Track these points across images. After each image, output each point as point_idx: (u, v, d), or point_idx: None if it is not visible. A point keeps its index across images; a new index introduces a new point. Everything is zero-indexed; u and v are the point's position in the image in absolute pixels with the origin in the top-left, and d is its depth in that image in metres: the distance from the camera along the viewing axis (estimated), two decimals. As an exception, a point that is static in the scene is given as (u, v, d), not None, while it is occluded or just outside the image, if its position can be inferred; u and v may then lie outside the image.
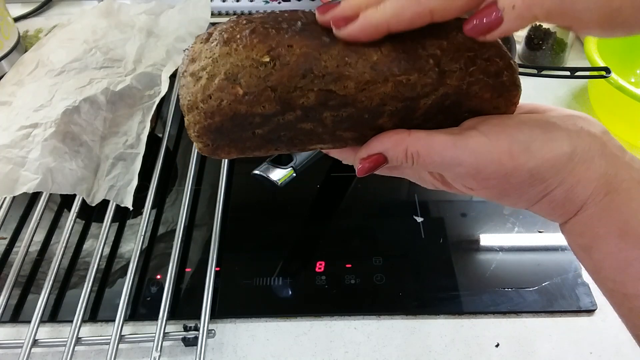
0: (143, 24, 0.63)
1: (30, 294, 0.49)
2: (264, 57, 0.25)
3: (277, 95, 0.25)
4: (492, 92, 0.27)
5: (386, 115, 0.27)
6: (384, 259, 0.51)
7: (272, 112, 0.26)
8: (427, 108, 0.27)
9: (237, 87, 0.25)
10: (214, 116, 0.26)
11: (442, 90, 0.27)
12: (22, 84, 0.55)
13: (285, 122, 0.27)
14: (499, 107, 0.28)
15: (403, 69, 0.26)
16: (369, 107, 0.26)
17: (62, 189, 0.49)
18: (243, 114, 0.26)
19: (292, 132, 0.27)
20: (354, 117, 0.27)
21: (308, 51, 0.25)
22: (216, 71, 0.25)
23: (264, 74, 0.25)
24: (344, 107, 0.26)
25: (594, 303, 0.47)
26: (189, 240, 0.54)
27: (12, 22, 0.71)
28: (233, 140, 0.27)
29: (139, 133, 0.55)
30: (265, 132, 0.27)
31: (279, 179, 0.50)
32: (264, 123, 0.26)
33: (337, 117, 0.27)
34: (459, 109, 0.28)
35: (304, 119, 0.27)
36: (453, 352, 0.44)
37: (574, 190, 0.26)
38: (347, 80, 0.26)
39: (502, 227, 0.54)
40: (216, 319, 0.47)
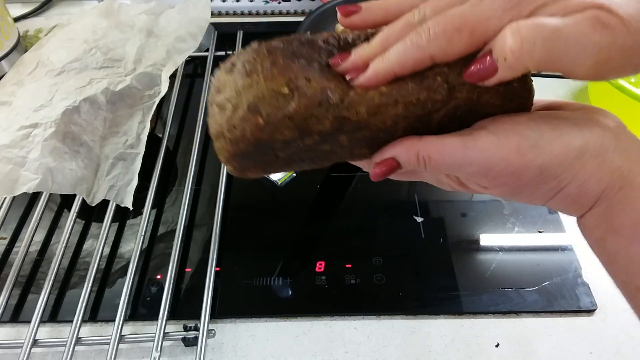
0: (143, 24, 0.63)
1: (30, 294, 0.49)
2: (283, 88, 0.27)
3: (295, 124, 0.27)
4: (503, 99, 0.28)
5: (400, 132, 0.28)
6: (384, 259, 0.51)
7: (292, 137, 0.28)
8: (440, 119, 0.28)
9: (258, 118, 0.27)
10: (238, 144, 0.28)
11: (453, 103, 0.28)
12: (22, 84, 0.55)
13: (304, 146, 0.28)
14: (510, 112, 0.29)
15: (411, 90, 0.27)
16: (383, 128, 0.28)
17: (62, 189, 0.49)
18: (265, 140, 0.28)
19: (312, 154, 0.29)
20: (369, 138, 0.28)
21: (325, 85, 0.27)
22: (239, 103, 0.28)
23: (283, 104, 0.27)
24: (359, 130, 0.28)
25: (594, 303, 0.47)
26: (189, 240, 0.54)
27: (12, 22, 0.71)
28: (258, 162, 0.30)
29: (139, 133, 0.55)
30: (287, 155, 0.29)
31: (279, 179, 0.50)
32: (285, 147, 0.28)
33: (353, 139, 0.28)
34: (472, 117, 0.28)
35: (322, 143, 0.28)
36: (453, 352, 0.44)
37: (587, 185, 0.26)
38: (359, 106, 0.27)
39: (502, 227, 0.55)
40: (216, 319, 0.47)
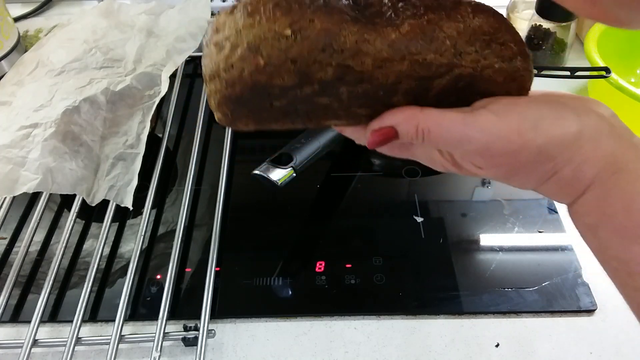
0: (143, 24, 0.63)
1: (30, 294, 0.49)
2: (286, 30, 0.26)
3: (297, 68, 0.26)
4: (505, 76, 0.28)
5: (400, 94, 0.28)
6: (384, 259, 0.51)
7: (291, 84, 0.27)
8: (441, 88, 0.28)
9: (258, 58, 0.26)
10: (234, 85, 0.27)
11: (457, 71, 0.27)
12: (22, 84, 0.55)
13: (302, 95, 0.27)
14: (510, 92, 0.29)
15: (420, 48, 0.27)
16: (385, 84, 0.27)
17: (62, 189, 0.49)
18: (263, 84, 0.27)
19: (308, 106, 0.28)
20: (369, 93, 0.28)
21: (328, 26, 0.26)
22: (239, 41, 0.26)
23: (285, 46, 0.26)
24: (360, 83, 0.27)
25: (594, 303, 0.47)
26: (189, 240, 0.54)
27: (12, 22, 0.71)
28: (251, 110, 0.28)
29: (139, 133, 0.55)
30: (283, 104, 0.28)
31: (279, 179, 0.50)
32: (282, 95, 0.27)
33: (352, 93, 0.27)
34: (472, 92, 0.28)
35: (320, 93, 0.27)
36: (453, 352, 0.44)
37: (582, 169, 0.26)
38: (365, 56, 0.26)
39: (502, 227, 0.54)
40: (216, 319, 0.47)
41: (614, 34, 0.67)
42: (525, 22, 0.74)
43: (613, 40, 0.67)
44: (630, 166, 0.26)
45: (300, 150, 0.52)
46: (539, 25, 0.69)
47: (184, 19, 0.65)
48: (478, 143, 0.26)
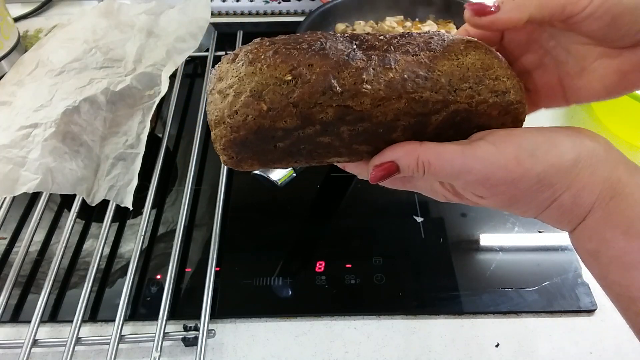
0: (143, 24, 0.63)
1: (30, 294, 0.49)
2: (287, 75, 0.27)
3: (299, 111, 0.27)
4: (500, 110, 0.29)
5: (399, 130, 0.29)
6: (384, 259, 0.51)
7: (293, 126, 0.28)
8: (439, 124, 0.29)
9: (261, 103, 0.27)
10: (239, 130, 0.28)
11: (453, 107, 0.28)
12: (22, 84, 0.55)
13: (305, 136, 0.29)
14: (505, 124, 0.30)
15: (416, 87, 0.28)
16: (384, 122, 0.28)
17: (62, 189, 0.49)
18: (266, 128, 0.28)
19: (311, 146, 0.29)
20: (370, 131, 0.29)
21: (327, 70, 0.27)
22: (242, 89, 0.28)
23: (286, 91, 0.27)
24: (360, 121, 0.28)
25: (594, 303, 0.47)
26: (189, 240, 0.54)
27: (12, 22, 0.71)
28: (256, 153, 0.29)
29: (139, 133, 0.55)
30: (286, 145, 0.29)
31: (279, 179, 0.50)
32: (286, 137, 0.28)
33: (353, 132, 0.29)
34: (469, 125, 0.29)
35: (322, 133, 0.29)
36: (453, 352, 0.44)
37: (581, 195, 0.26)
38: (364, 96, 0.28)
39: (502, 227, 0.55)
40: (216, 319, 0.47)
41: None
42: (525, 22, 0.74)
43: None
44: (627, 190, 0.26)
45: (300, 150, 0.52)
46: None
47: (184, 19, 0.65)
48: (478, 173, 0.27)
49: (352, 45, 0.29)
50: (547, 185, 0.27)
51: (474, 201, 0.30)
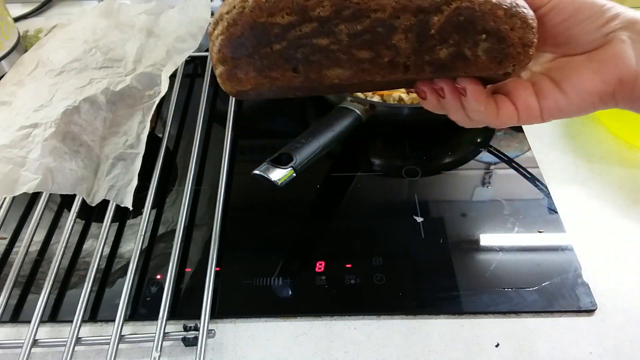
0: (143, 24, 0.63)
1: (30, 294, 0.49)
2: None
3: (296, 3, 0.27)
4: (505, 11, 0.28)
5: (401, 31, 0.28)
6: (384, 259, 0.51)
7: (290, 22, 0.28)
8: (441, 25, 0.28)
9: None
10: (236, 23, 0.28)
11: (454, 4, 0.28)
12: (22, 84, 0.55)
13: (302, 35, 0.28)
14: (514, 28, 0.29)
15: None
16: (383, 18, 0.28)
17: (62, 189, 0.49)
18: (262, 23, 0.28)
19: (308, 48, 0.29)
20: (368, 30, 0.28)
21: None
22: None
23: None
24: (358, 18, 0.28)
25: (594, 303, 0.47)
26: (189, 240, 0.54)
27: (12, 22, 0.71)
28: (251, 54, 0.29)
29: (139, 133, 0.55)
30: (282, 47, 0.28)
31: (279, 179, 0.50)
32: (282, 35, 0.28)
33: (352, 31, 0.28)
34: (475, 29, 0.28)
35: (320, 33, 0.28)
36: (453, 352, 0.44)
37: None
38: None
39: (502, 227, 0.54)
40: (216, 319, 0.47)
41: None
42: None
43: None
44: None
45: (300, 150, 0.52)
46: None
47: (184, 19, 0.65)
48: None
49: None
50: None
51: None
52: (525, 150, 0.63)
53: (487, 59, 0.29)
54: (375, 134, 0.66)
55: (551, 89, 0.32)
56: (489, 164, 0.62)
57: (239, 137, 0.65)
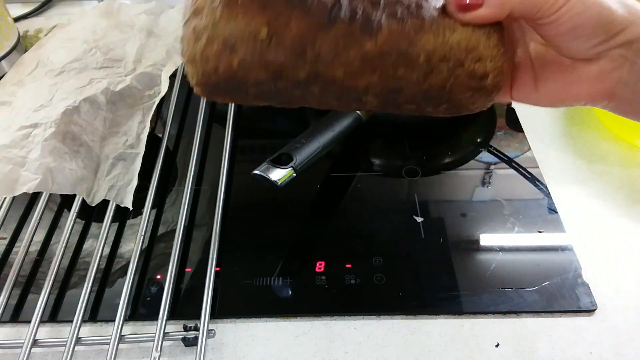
0: (143, 24, 0.63)
1: (30, 294, 0.49)
2: (262, 30, 0.26)
3: (270, 69, 0.27)
4: (473, 93, 0.29)
5: (371, 95, 0.29)
6: (384, 259, 0.51)
7: (265, 80, 0.28)
8: (410, 95, 0.29)
9: (233, 57, 0.27)
10: (210, 76, 0.28)
11: (426, 85, 0.28)
12: (22, 84, 0.55)
13: (276, 89, 0.29)
14: (475, 102, 0.30)
15: (392, 62, 0.27)
16: (355, 89, 0.28)
17: (62, 189, 0.49)
18: (237, 78, 0.28)
19: (283, 96, 0.29)
20: (340, 94, 0.29)
21: (304, 32, 0.26)
22: (215, 35, 0.27)
23: (259, 49, 0.27)
24: (332, 85, 0.28)
25: (594, 303, 0.47)
26: (189, 240, 0.54)
27: (12, 22, 0.71)
28: (228, 93, 0.29)
29: (139, 133, 0.55)
30: (258, 91, 0.29)
31: (279, 179, 0.50)
32: (257, 87, 0.28)
33: (324, 91, 0.29)
34: (440, 99, 0.30)
35: (294, 88, 0.29)
36: (453, 352, 0.44)
37: None
38: (337, 67, 0.27)
39: (502, 227, 0.54)
40: (216, 319, 0.47)
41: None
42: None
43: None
44: None
45: (300, 150, 0.52)
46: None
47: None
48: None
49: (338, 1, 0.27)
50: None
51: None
52: (525, 150, 0.63)
53: (443, 114, 0.32)
54: (375, 134, 0.66)
55: (527, 82, 0.33)
56: (489, 164, 0.62)
57: (239, 137, 0.65)
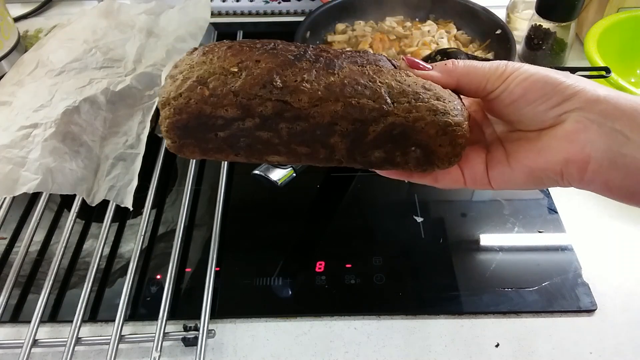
0: (143, 24, 0.63)
1: (30, 294, 0.49)
2: (233, 67, 0.29)
3: (239, 101, 0.29)
4: (437, 130, 0.30)
5: (337, 135, 0.30)
6: (384, 259, 0.51)
7: (233, 116, 0.29)
8: (377, 135, 0.30)
9: (204, 89, 0.29)
10: (181, 112, 0.29)
11: (390, 119, 0.29)
12: (22, 84, 0.55)
13: (244, 128, 0.30)
14: (443, 145, 0.30)
15: (354, 93, 0.29)
16: (321, 123, 0.29)
17: (62, 189, 0.49)
18: (207, 114, 0.29)
19: (250, 139, 0.30)
20: (307, 131, 0.30)
21: (272, 67, 0.29)
22: (190, 75, 0.30)
23: (230, 81, 0.29)
24: (298, 120, 0.29)
25: (594, 303, 0.47)
26: (189, 240, 0.54)
27: (12, 22, 0.71)
28: (197, 139, 0.30)
29: (139, 133, 0.55)
30: (226, 135, 0.30)
31: (279, 179, 0.50)
32: (226, 126, 0.29)
33: (291, 130, 0.30)
34: (407, 142, 0.30)
35: (261, 127, 0.29)
36: (453, 352, 0.44)
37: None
38: (302, 94, 0.29)
39: (502, 227, 0.54)
40: (216, 319, 0.47)
41: (614, 34, 0.67)
42: (525, 22, 0.74)
43: (613, 40, 0.67)
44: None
45: (300, 150, 0.52)
46: (539, 25, 0.69)
47: (184, 19, 0.65)
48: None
49: (305, 49, 0.30)
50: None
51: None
52: (525, 150, 0.63)
53: (414, 166, 0.31)
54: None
55: (500, 160, 0.32)
56: (489, 164, 0.62)
57: (239, 137, 0.65)
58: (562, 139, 0.29)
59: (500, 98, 0.31)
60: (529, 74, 0.30)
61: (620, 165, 0.27)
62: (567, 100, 0.29)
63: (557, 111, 0.29)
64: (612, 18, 0.68)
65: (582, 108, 0.28)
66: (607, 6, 0.72)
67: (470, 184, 0.33)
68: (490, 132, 0.34)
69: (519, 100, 0.30)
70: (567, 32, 0.69)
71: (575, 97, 0.28)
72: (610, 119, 0.27)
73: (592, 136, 0.28)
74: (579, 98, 0.28)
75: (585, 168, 0.28)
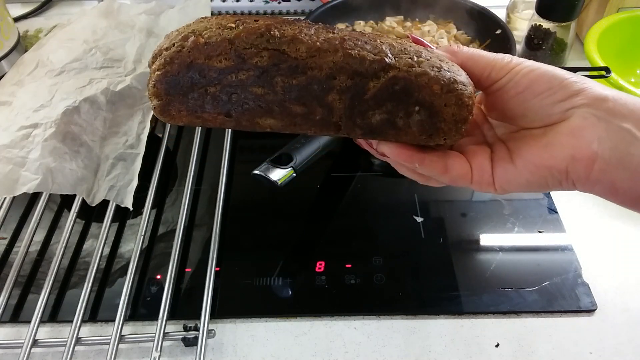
0: (143, 24, 0.63)
1: (30, 294, 0.49)
2: (230, 23, 0.28)
3: (234, 49, 0.27)
4: (442, 86, 0.28)
5: (335, 92, 0.28)
6: (384, 259, 0.51)
7: (227, 67, 0.28)
8: (377, 92, 0.28)
9: (199, 38, 0.28)
10: (172, 62, 0.28)
11: (392, 73, 0.28)
12: (22, 84, 0.55)
13: (238, 81, 0.28)
14: (449, 105, 0.28)
15: (354, 46, 0.28)
16: (319, 77, 0.28)
17: (62, 189, 0.49)
18: (200, 64, 0.28)
19: (243, 95, 0.28)
20: (304, 86, 0.28)
21: (271, 23, 0.28)
22: (186, 30, 0.29)
23: (226, 32, 0.28)
24: (295, 72, 0.28)
25: (594, 303, 0.47)
26: (189, 240, 0.54)
27: (12, 22, 0.71)
28: (185, 95, 0.29)
29: (139, 133, 0.55)
30: (217, 90, 0.28)
31: (279, 179, 0.50)
32: (218, 79, 0.28)
33: (287, 84, 0.28)
34: (409, 100, 0.28)
35: (256, 81, 0.28)
36: (453, 352, 0.44)
37: None
38: (300, 43, 0.28)
39: (502, 227, 0.54)
40: (216, 319, 0.47)
41: (614, 34, 0.67)
42: (525, 22, 0.74)
43: (613, 40, 0.67)
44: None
45: (300, 150, 0.52)
46: (539, 25, 0.69)
47: (184, 19, 0.65)
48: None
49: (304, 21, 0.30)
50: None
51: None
52: (525, 150, 0.63)
53: (418, 131, 0.29)
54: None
55: (503, 157, 0.31)
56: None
57: (239, 137, 0.65)
58: (569, 135, 0.28)
59: (504, 89, 0.30)
60: (535, 66, 0.29)
61: (627, 164, 0.27)
62: (574, 96, 0.28)
63: (563, 106, 0.28)
64: (612, 18, 0.68)
65: (589, 105, 0.28)
66: (607, 6, 0.72)
67: (476, 178, 0.31)
68: (491, 135, 0.34)
69: (524, 92, 0.29)
70: (567, 32, 0.69)
71: (582, 94, 0.28)
72: (618, 117, 0.27)
73: (599, 133, 0.27)
74: (585, 95, 0.28)
75: (591, 166, 0.27)
